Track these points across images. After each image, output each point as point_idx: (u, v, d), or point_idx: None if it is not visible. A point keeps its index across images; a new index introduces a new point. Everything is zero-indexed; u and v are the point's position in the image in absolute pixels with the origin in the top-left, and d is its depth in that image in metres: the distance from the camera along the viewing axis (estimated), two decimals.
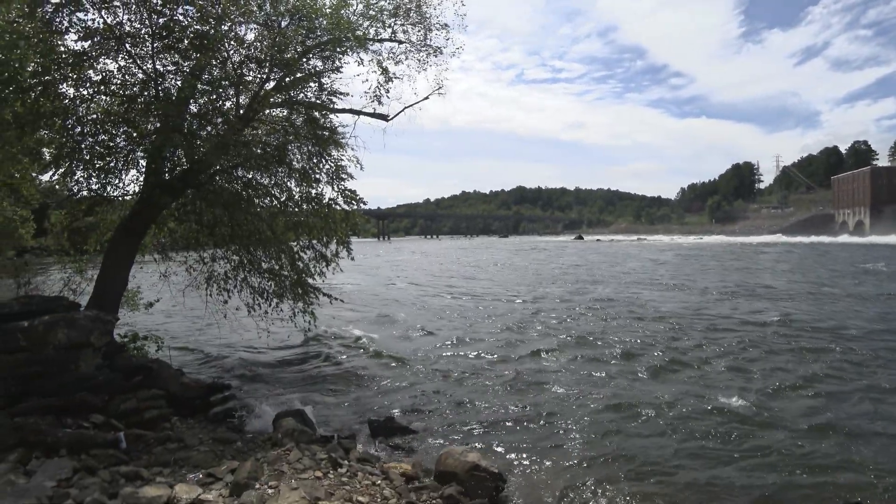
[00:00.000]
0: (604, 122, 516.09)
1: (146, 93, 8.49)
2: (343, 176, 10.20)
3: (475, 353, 12.13)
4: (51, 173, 9.29)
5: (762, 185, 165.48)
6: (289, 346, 12.64)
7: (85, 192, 9.16)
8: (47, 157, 9.31)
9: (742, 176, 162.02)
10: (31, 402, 5.93)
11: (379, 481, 5.18)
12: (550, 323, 15.88)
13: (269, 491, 4.43)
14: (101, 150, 8.60)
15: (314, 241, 10.45)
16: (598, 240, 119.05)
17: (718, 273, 33.29)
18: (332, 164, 10.14)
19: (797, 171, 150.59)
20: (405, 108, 10.73)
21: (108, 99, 8.57)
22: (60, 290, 9.31)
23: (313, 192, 10.14)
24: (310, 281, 10.43)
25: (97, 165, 8.59)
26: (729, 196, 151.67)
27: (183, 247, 10.91)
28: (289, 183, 10.16)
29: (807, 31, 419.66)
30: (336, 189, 10.18)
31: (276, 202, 10.10)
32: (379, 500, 4.79)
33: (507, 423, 7.78)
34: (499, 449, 6.89)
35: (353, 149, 10.19)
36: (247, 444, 5.88)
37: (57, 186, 10.60)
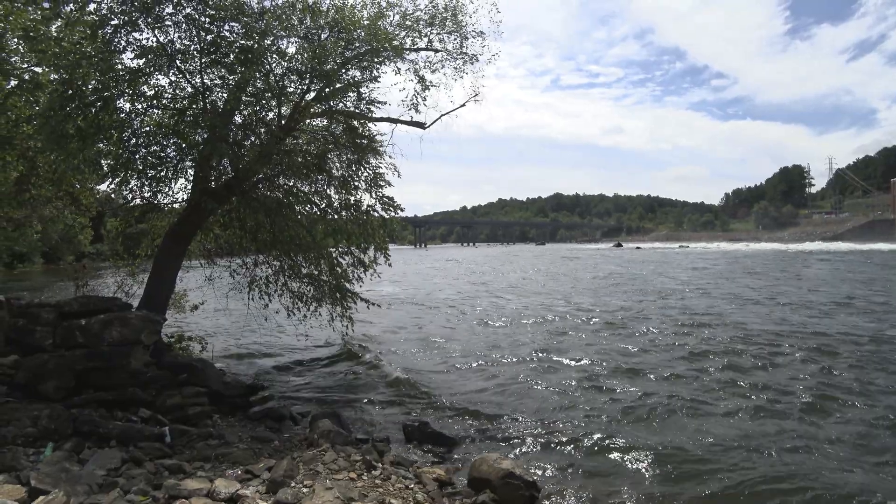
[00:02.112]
0: (643, 126, 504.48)
1: (194, 105, 8.91)
2: (381, 183, 10.34)
3: (513, 362, 12.00)
4: (107, 183, 9.86)
5: (813, 190, 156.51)
6: (326, 349, 12.89)
7: (138, 200, 9.71)
8: (105, 168, 9.88)
9: (791, 180, 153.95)
10: (86, 396, 6.31)
11: (412, 485, 5.20)
12: (590, 333, 15.54)
13: (304, 490, 4.52)
14: (153, 160, 9.05)
15: (352, 248, 10.64)
16: (637, 247, 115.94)
17: (757, 280, 31.82)
18: (371, 172, 10.30)
19: (852, 173, 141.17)
20: (441, 115, 10.83)
21: (159, 112, 9.06)
22: (114, 292, 9.86)
23: (352, 199, 10.34)
24: (348, 286, 10.62)
25: (149, 175, 9.03)
26: (777, 201, 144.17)
27: (227, 252, 11.35)
28: (328, 190, 10.39)
29: (859, 24, 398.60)
30: (374, 196, 10.34)
31: (316, 209, 10.35)
32: (412, 503, 4.81)
33: (544, 433, 7.64)
34: (534, 458, 6.78)
35: (390, 156, 10.35)
36: (284, 444, 6.03)
37: (112, 195, 11.27)
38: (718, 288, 29.01)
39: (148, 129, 8.91)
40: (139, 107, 8.78)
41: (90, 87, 7.80)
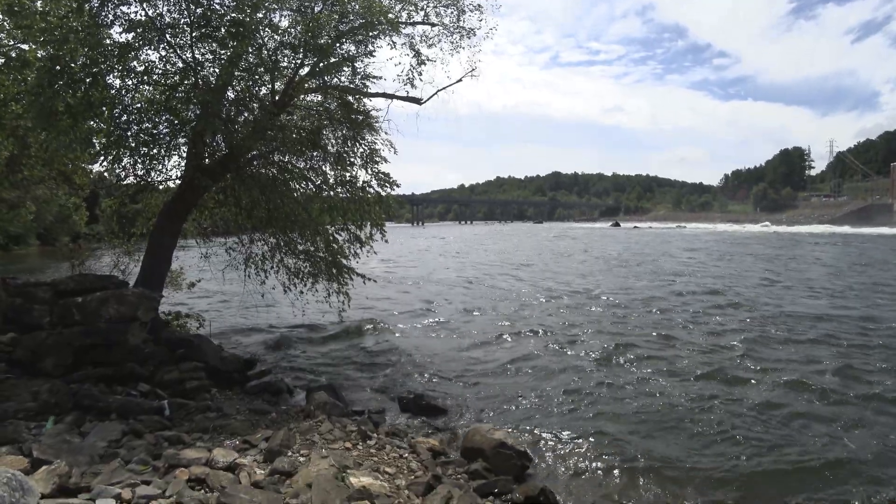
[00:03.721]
0: (643, 105, 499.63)
1: (186, 81, 8.78)
2: (377, 159, 10.28)
3: (507, 338, 12.17)
4: (100, 161, 9.78)
5: (813, 172, 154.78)
6: (323, 325, 13.00)
7: (131, 179, 9.64)
8: (97, 146, 9.79)
9: (791, 162, 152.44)
10: (85, 371, 6.39)
11: (406, 454, 5.33)
12: (582, 310, 15.72)
13: (301, 458, 4.63)
14: (146, 137, 8.95)
15: (349, 224, 10.64)
16: (635, 227, 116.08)
17: (743, 261, 32.01)
18: (366, 148, 10.22)
19: (853, 157, 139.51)
20: (438, 91, 10.73)
21: (150, 88, 8.93)
22: (111, 271, 9.88)
23: (347, 175, 10.29)
24: (344, 262, 10.66)
25: (142, 152, 8.95)
26: (776, 184, 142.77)
27: (223, 231, 11.34)
28: (324, 167, 10.33)
29: (866, 4, 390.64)
30: (370, 172, 10.30)
31: (311, 185, 10.31)
32: (405, 471, 4.93)
33: (536, 406, 7.82)
34: (526, 429, 6.94)
35: (386, 133, 10.27)
36: (281, 416, 6.15)
37: (106, 174, 11.19)
38: (706, 268, 29.19)
39: (139, 105, 8.79)
40: (129, 83, 8.65)
41: (78, 63, 7.67)
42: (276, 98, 9.32)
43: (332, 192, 10.26)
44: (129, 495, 3.70)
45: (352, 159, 10.23)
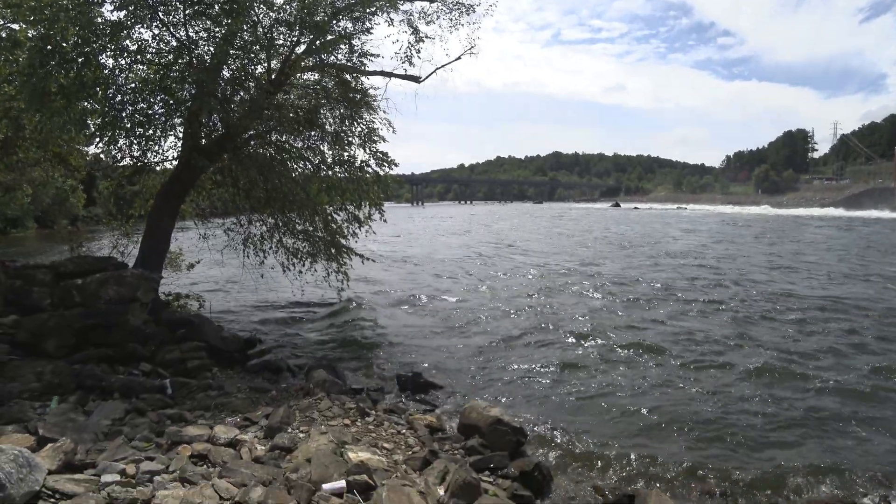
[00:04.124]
0: (646, 84, 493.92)
1: (180, 60, 8.67)
2: (375, 138, 10.20)
3: (506, 318, 12.27)
4: (96, 143, 9.72)
5: (816, 155, 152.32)
6: (322, 305, 13.10)
7: (127, 160, 9.60)
8: (92, 128, 9.71)
9: (795, 144, 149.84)
10: (87, 352, 6.46)
11: (404, 430, 5.44)
12: (581, 292, 15.80)
13: (300, 435, 4.73)
14: (141, 117, 8.87)
15: (347, 204, 10.63)
16: (635, 207, 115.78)
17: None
18: (364, 127, 10.13)
19: (857, 139, 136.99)
20: (437, 69, 10.61)
21: (144, 67, 8.83)
22: (110, 253, 9.90)
23: (345, 154, 10.23)
24: (343, 242, 10.68)
25: (138, 133, 8.88)
26: (779, 166, 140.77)
27: (222, 212, 11.33)
28: (321, 146, 10.27)
29: None
30: (368, 151, 10.24)
31: (309, 165, 10.26)
32: (403, 447, 5.05)
33: (534, 384, 7.95)
34: (522, 407, 7.07)
35: (384, 111, 10.18)
36: (281, 394, 6.26)
37: (102, 156, 11.13)
38: (706, 251, 29.22)
39: (133, 85, 8.70)
40: (122, 62, 8.53)
41: (70, 42, 7.56)
42: (273, 77, 9.22)
43: (330, 172, 10.21)
44: (133, 471, 3.78)
45: (350, 139, 10.16)
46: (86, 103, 8.62)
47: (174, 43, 8.66)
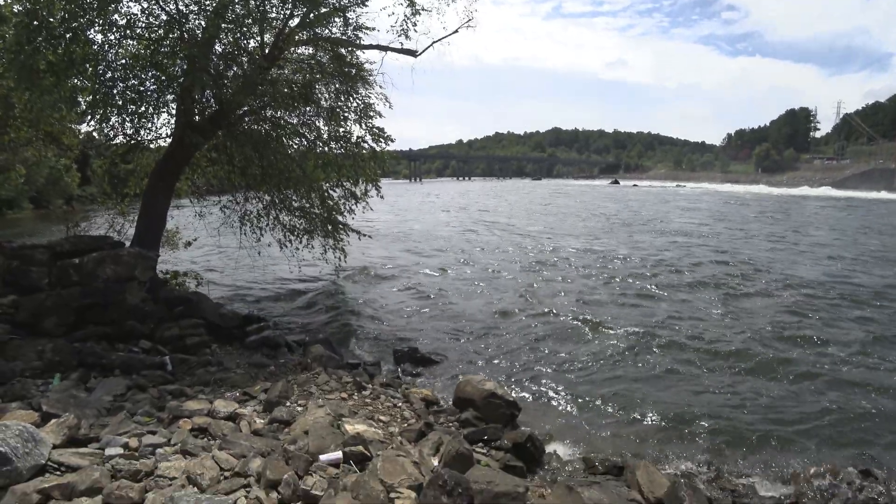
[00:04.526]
0: (648, 59, 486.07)
1: (171, 35, 8.50)
2: (371, 114, 10.10)
3: (501, 294, 12.37)
4: (88, 120, 9.61)
5: (819, 134, 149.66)
6: (320, 281, 13.19)
7: (121, 138, 9.50)
8: (83, 105, 9.58)
9: (797, 123, 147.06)
10: (87, 330, 6.53)
11: (400, 404, 5.56)
12: (575, 267, 15.92)
13: (298, 408, 4.83)
14: (133, 94, 8.75)
15: (343, 180, 10.59)
16: (634, 185, 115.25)
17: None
18: (360, 102, 10.01)
19: (860, 119, 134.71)
20: (434, 42, 10.43)
21: (134, 43, 8.66)
22: (106, 232, 9.89)
23: (341, 130, 10.14)
24: (339, 218, 10.68)
25: (130, 110, 8.78)
26: (780, 144, 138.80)
27: (217, 190, 11.29)
28: (317, 122, 10.15)
29: None
30: (364, 127, 10.15)
31: (304, 141, 10.18)
32: (399, 420, 5.17)
33: (528, 359, 8.08)
34: (517, 381, 7.21)
35: (380, 86, 10.06)
36: (279, 369, 6.36)
37: (95, 134, 11.01)
38: (704, 230, 29.22)
39: (124, 61, 8.55)
40: (112, 37, 8.36)
41: (57, 17, 7.41)
42: (266, 51, 9.07)
43: (326, 148, 10.14)
44: (136, 444, 3.87)
45: (345, 114, 10.06)
46: (76, 80, 8.48)
47: (164, 17, 8.48)
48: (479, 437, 5.11)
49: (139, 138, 9.35)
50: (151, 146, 10.12)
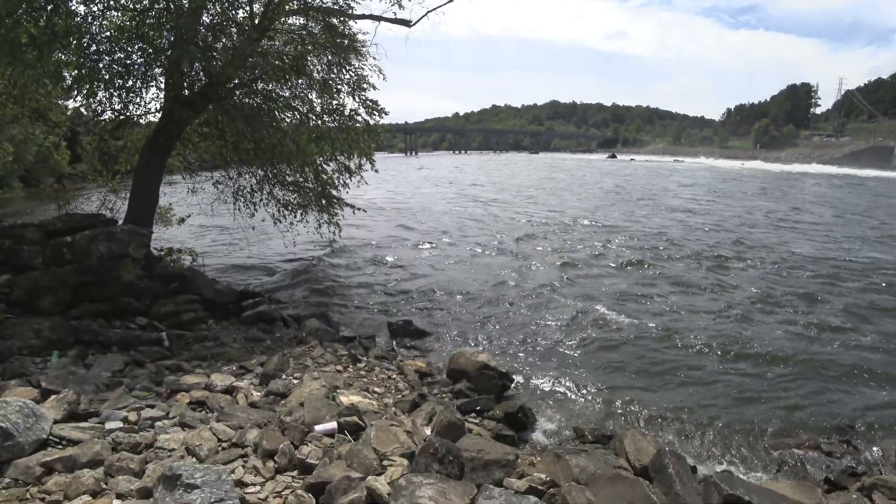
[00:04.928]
0: (648, 31, 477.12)
1: (157, 5, 8.28)
2: (364, 86, 9.95)
3: (497, 267, 12.43)
4: (74, 96, 9.44)
5: (819, 111, 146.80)
6: (315, 256, 13.20)
7: (109, 113, 9.36)
8: (69, 80, 9.39)
9: (797, 98, 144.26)
10: (83, 308, 6.56)
11: (394, 375, 5.66)
12: (569, 242, 15.98)
13: (294, 381, 4.92)
14: (119, 68, 8.57)
15: (337, 154, 10.50)
16: (632, 159, 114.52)
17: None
18: (353, 74, 9.86)
19: (862, 96, 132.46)
20: (428, 11, 10.21)
21: (119, 14, 8.45)
22: (98, 210, 9.84)
23: (334, 103, 10.01)
24: (333, 193, 10.64)
25: (117, 85, 8.62)
26: (779, 120, 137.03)
27: (210, 166, 11.19)
28: (309, 95, 10.00)
29: None
30: (357, 100, 10.02)
31: (297, 115, 10.05)
32: (393, 391, 5.27)
33: (520, 332, 8.19)
34: (510, 353, 7.33)
35: (374, 58, 9.89)
36: (275, 343, 6.44)
37: (83, 110, 10.83)
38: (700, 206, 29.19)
39: (108, 34, 8.33)
40: (95, 9, 8.15)
41: None
42: (256, 22, 8.87)
43: (319, 122, 10.02)
44: (135, 418, 3.95)
45: (338, 86, 9.91)
46: (60, 54, 8.30)
47: None
48: (471, 408, 5.22)
49: (128, 113, 9.22)
50: (141, 121, 9.99)
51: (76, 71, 8.56)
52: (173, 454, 3.39)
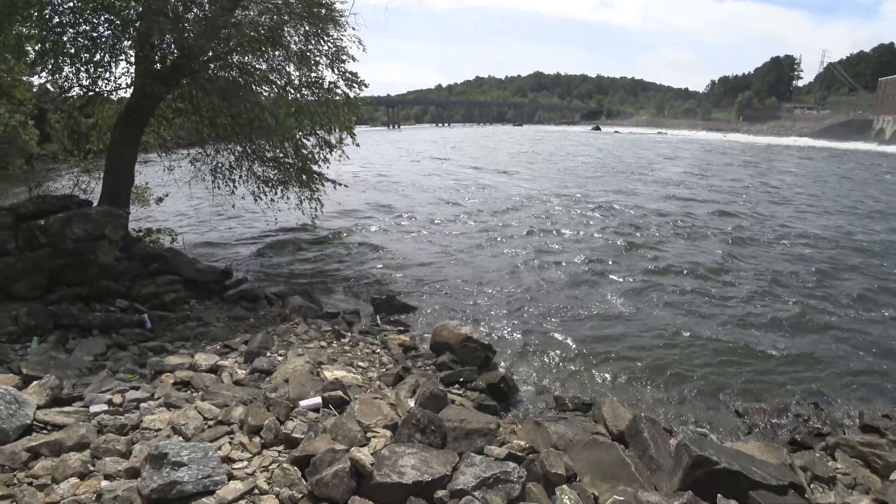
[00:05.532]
0: (634, 0, 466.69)
1: None
2: (343, 58, 9.74)
3: (480, 242, 12.51)
4: (39, 71, 9.08)
5: (802, 83, 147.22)
6: (297, 233, 13.11)
7: (77, 90, 9.03)
8: (32, 54, 9.01)
9: (781, 71, 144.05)
10: (60, 292, 6.46)
11: (378, 350, 5.73)
12: (553, 215, 16.09)
13: (279, 358, 4.96)
14: (85, 41, 8.25)
15: (317, 128, 10.34)
16: (616, 131, 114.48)
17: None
18: (331, 45, 9.63)
19: (844, 69, 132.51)
20: None
21: None
22: (71, 191, 9.60)
23: (313, 76, 9.79)
24: (314, 168, 10.51)
25: (84, 59, 8.30)
26: (762, 92, 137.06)
27: (186, 143, 10.93)
28: (287, 67, 9.76)
29: None
30: (336, 72, 9.81)
31: (275, 88, 9.82)
32: (377, 365, 5.35)
33: (501, 305, 8.31)
34: (492, 325, 7.46)
35: (353, 28, 9.68)
36: (259, 321, 6.44)
37: (49, 87, 10.42)
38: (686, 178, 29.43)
39: (72, 4, 8.00)
40: None
41: None
42: None
43: (297, 95, 9.81)
44: (119, 400, 3.96)
45: (317, 58, 9.70)
46: (21, 28, 7.94)
47: None
48: (454, 380, 5.34)
49: (97, 89, 8.92)
50: (112, 97, 9.68)
51: (39, 45, 8.22)
52: (159, 434, 3.42)
